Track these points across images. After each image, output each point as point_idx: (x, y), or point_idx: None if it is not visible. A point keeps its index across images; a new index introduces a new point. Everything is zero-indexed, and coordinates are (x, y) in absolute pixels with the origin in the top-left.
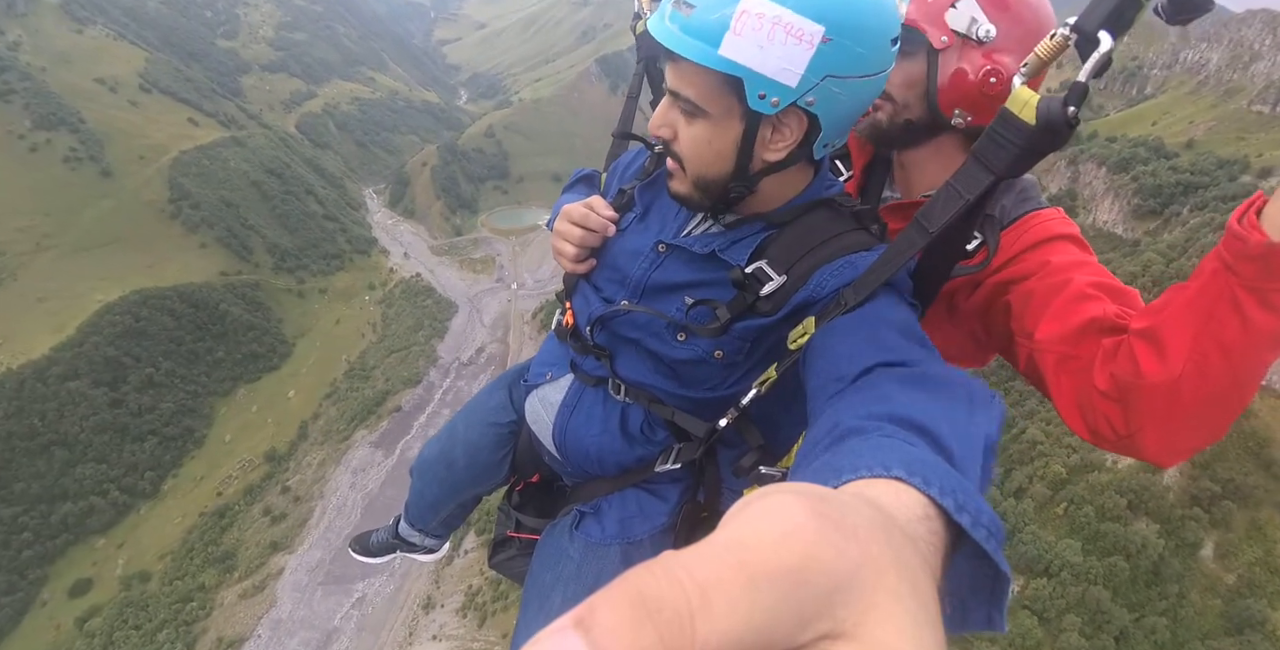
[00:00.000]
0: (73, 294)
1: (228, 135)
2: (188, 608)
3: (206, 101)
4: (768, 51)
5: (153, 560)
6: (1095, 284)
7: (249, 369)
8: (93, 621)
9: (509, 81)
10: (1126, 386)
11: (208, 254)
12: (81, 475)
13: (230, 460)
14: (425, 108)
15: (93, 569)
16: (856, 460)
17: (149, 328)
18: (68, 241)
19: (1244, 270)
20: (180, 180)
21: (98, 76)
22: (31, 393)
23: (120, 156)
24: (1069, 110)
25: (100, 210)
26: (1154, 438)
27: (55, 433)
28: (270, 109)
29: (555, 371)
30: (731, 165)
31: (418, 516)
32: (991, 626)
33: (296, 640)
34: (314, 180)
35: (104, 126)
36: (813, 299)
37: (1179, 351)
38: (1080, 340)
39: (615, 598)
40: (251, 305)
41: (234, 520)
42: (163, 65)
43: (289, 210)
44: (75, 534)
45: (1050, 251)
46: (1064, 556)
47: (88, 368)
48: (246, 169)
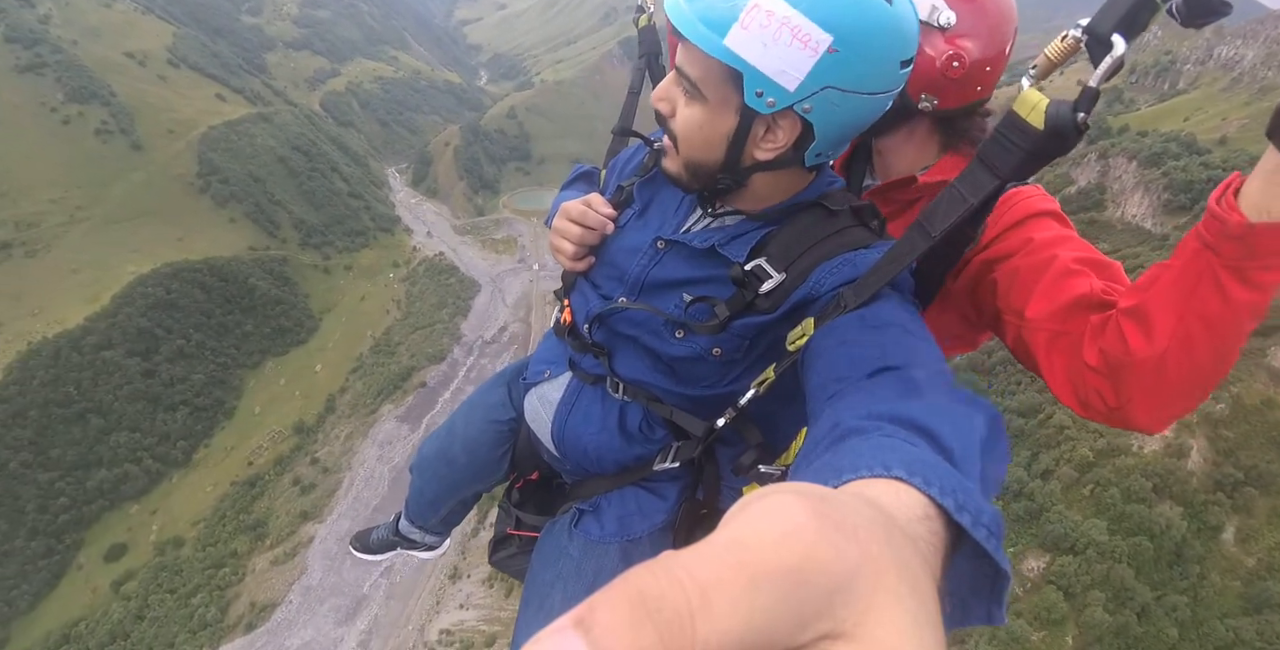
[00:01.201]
0: (105, 266)
1: (255, 112)
2: (220, 573)
3: (233, 77)
4: (770, 50)
5: (186, 527)
6: (1080, 259)
7: (277, 343)
8: (128, 585)
9: (530, 63)
10: (1116, 362)
11: (236, 229)
12: (116, 443)
13: (260, 431)
14: (447, 88)
15: (127, 534)
16: (857, 460)
17: (180, 300)
18: (99, 214)
19: (1224, 250)
20: (209, 155)
21: (127, 50)
22: (67, 362)
23: (150, 130)
24: (1079, 116)
25: (131, 183)
26: (1142, 409)
27: (90, 401)
28: (295, 86)
29: (554, 369)
30: (721, 155)
31: (418, 514)
32: (991, 622)
33: (327, 606)
34: (339, 158)
35: (134, 100)
36: (812, 296)
37: (1164, 328)
38: (1069, 317)
39: (615, 597)
40: (279, 280)
41: (264, 490)
42: (190, 40)
43: (315, 187)
44: (110, 500)
45: (1033, 228)
46: (1089, 535)
47: (121, 338)
48: (273, 145)
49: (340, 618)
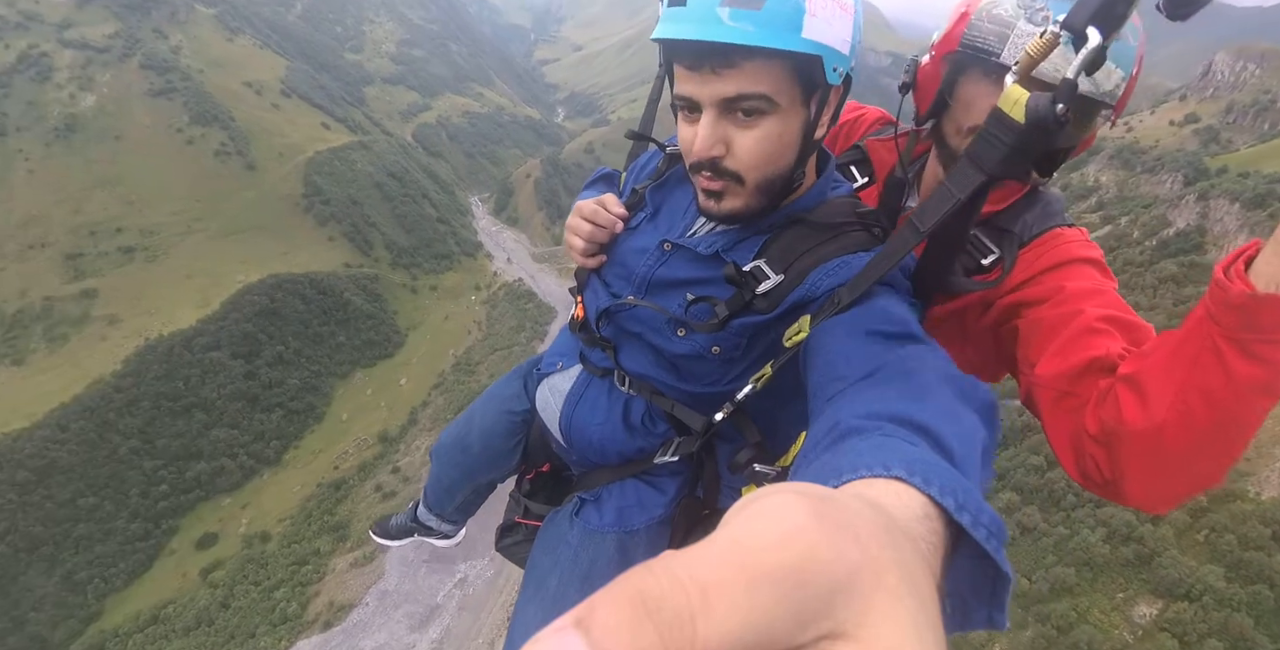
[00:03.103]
0: (217, 273)
1: (355, 140)
2: (303, 570)
3: (337, 108)
4: (833, 26)
5: (273, 523)
6: (1106, 317)
7: (365, 355)
8: (216, 573)
9: (605, 101)
10: (1111, 432)
11: (334, 246)
12: (215, 438)
13: (346, 438)
14: (528, 123)
15: (218, 525)
16: (856, 460)
17: (282, 309)
18: (214, 226)
19: (1225, 319)
20: (314, 178)
21: (246, 80)
22: (178, 359)
23: (263, 153)
24: (1058, 108)
25: (244, 200)
26: (1137, 484)
27: (196, 397)
28: (390, 118)
29: (566, 362)
30: (795, 154)
31: (435, 501)
32: (992, 626)
33: (401, 612)
34: (429, 185)
35: (250, 125)
36: (809, 297)
37: (1161, 399)
38: (1079, 379)
39: (616, 597)
40: (370, 296)
41: (348, 493)
42: (300, 73)
43: (406, 211)
44: (205, 491)
45: (1067, 275)
46: (1206, 581)
47: (228, 340)
48: (371, 171)
49: (413, 624)
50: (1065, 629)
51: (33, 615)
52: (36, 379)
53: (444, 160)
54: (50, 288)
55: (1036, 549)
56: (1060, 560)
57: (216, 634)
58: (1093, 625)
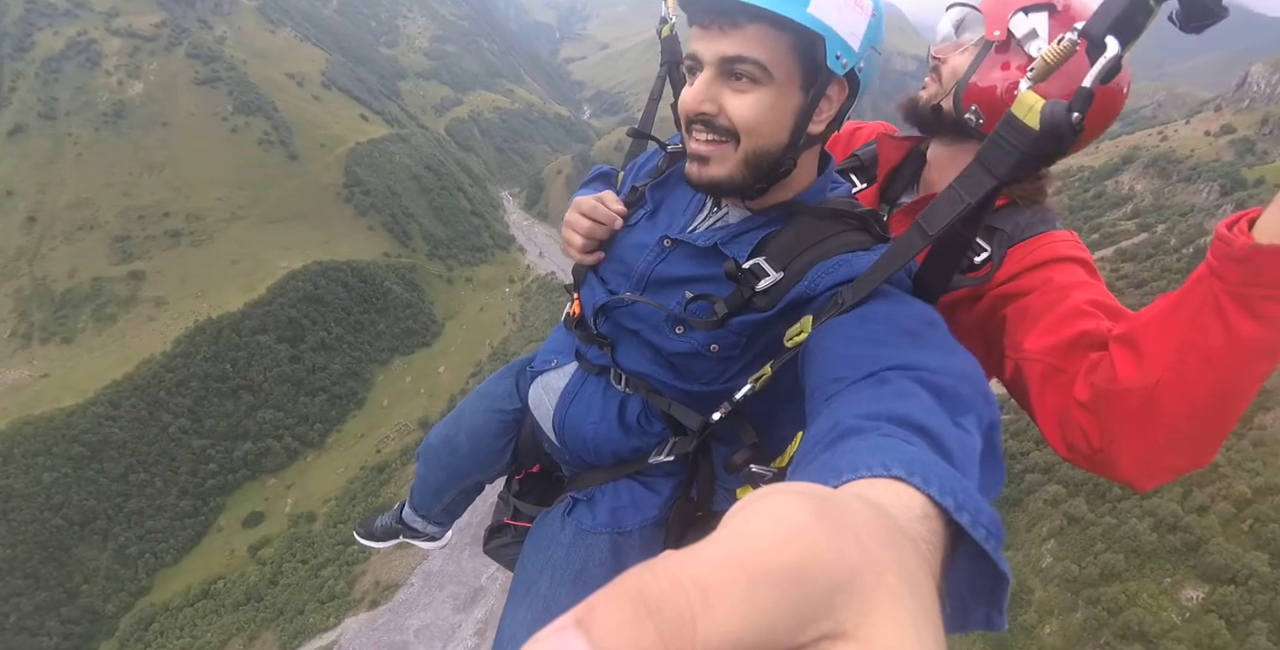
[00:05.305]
0: (261, 259)
1: (394, 132)
2: (349, 550)
3: (374, 101)
4: (843, 14)
5: (317, 503)
6: (1093, 302)
7: (405, 342)
8: (264, 550)
9: (630, 99)
10: (1102, 394)
11: (374, 236)
12: (262, 419)
13: (388, 423)
14: (556, 120)
15: (264, 504)
16: (856, 460)
17: (325, 295)
18: (258, 213)
19: (1229, 274)
20: (354, 168)
21: (288, 71)
22: (227, 341)
23: (305, 143)
24: (1073, 116)
25: (286, 188)
26: (1128, 452)
27: (243, 378)
28: (424, 112)
29: (560, 359)
30: (787, 136)
31: (421, 501)
32: (991, 627)
33: (445, 593)
34: (463, 179)
35: (293, 116)
36: (808, 295)
37: (1158, 357)
38: (1069, 353)
39: (616, 597)
40: (409, 286)
41: (391, 477)
42: (340, 66)
43: (443, 203)
44: (252, 471)
45: (1055, 271)
46: (1251, 567)
47: (274, 325)
48: (409, 163)
49: (458, 605)
50: (1115, 611)
51: (85, 587)
52: (85, 357)
53: (476, 154)
54: (99, 269)
55: (1085, 537)
56: (1109, 548)
57: (266, 609)
58: (1141, 608)
